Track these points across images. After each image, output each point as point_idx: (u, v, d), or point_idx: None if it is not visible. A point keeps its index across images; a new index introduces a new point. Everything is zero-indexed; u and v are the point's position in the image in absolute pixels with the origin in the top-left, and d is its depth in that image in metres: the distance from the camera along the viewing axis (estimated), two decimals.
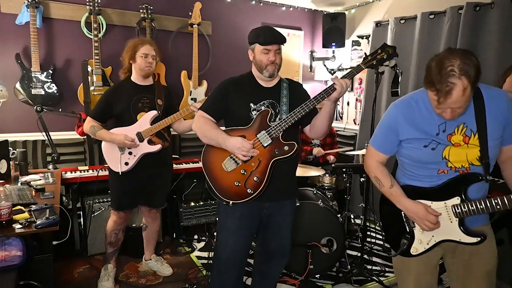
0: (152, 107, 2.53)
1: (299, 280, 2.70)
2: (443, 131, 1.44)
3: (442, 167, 1.48)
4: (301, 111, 1.76)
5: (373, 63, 1.74)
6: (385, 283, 2.74)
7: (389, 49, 1.72)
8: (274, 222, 1.98)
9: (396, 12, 3.81)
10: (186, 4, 3.71)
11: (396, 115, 1.53)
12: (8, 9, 3.10)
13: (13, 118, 3.18)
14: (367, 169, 1.69)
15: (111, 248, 2.66)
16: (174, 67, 3.72)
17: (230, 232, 1.94)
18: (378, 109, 3.80)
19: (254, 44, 1.85)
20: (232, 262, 1.98)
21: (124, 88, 2.54)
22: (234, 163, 1.83)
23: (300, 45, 4.59)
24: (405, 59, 3.56)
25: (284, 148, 1.80)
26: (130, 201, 2.61)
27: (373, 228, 3.67)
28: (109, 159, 2.51)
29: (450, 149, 1.45)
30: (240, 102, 1.89)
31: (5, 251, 1.61)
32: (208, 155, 1.91)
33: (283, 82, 1.96)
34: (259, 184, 1.81)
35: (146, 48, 2.48)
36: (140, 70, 2.50)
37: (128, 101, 2.49)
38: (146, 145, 2.49)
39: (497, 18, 2.86)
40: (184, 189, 3.58)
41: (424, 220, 1.47)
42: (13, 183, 2.46)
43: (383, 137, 1.61)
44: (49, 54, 3.28)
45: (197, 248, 3.28)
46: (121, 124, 2.50)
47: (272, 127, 1.80)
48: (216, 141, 1.83)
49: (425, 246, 1.55)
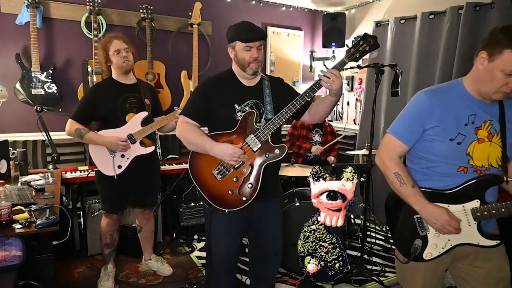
0: (140, 106, 2.45)
1: (299, 280, 2.71)
2: (472, 122, 1.41)
3: (464, 164, 1.42)
4: (288, 111, 1.71)
5: (356, 56, 1.65)
6: (385, 283, 2.74)
7: (370, 40, 1.65)
8: (264, 222, 1.95)
9: (396, 12, 3.81)
10: (186, 4, 3.71)
11: (424, 101, 1.45)
12: (8, 9, 3.10)
13: (13, 118, 3.18)
14: (384, 163, 1.53)
15: (107, 249, 2.65)
16: (174, 67, 3.72)
17: (220, 235, 1.89)
18: (378, 109, 3.81)
19: (235, 42, 1.78)
20: (224, 266, 1.94)
21: (108, 87, 2.44)
22: (225, 171, 1.76)
23: (300, 45, 4.59)
24: (405, 59, 3.56)
25: (275, 152, 1.75)
26: (122, 203, 2.57)
27: (373, 228, 3.67)
28: (100, 162, 2.41)
29: (475, 145, 1.41)
30: (224, 104, 1.80)
31: (5, 251, 1.61)
32: (196, 164, 1.82)
33: (264, 80, 1.90)
34: (254, 191, 1.76)
35: (115, 44, 2.37)
36: (120, 68, 2.40)
37: (115, 102, 2.39)
38: (138, 147, 2.43)
39: (497, 18, 2.85)
40: (184, 189, 3.58)
41: (447, 225, 1.40)
42: (13, 183, 2.46)
43: (407, 125, 1.49)
44: (49, 54, 3.29)
45: (197, 248, 3.28)
46: (108, 126, 2.40)
47: (260, 130, 1.73)
48: (203, 148, 1.75)
49: (440, 250, 1.49)
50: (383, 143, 1.57)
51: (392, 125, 1.55)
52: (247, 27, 1.78)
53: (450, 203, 1.45)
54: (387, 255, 3.23)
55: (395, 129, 1.53)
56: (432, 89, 1.49)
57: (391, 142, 1.53)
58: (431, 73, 3.36)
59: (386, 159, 1.52)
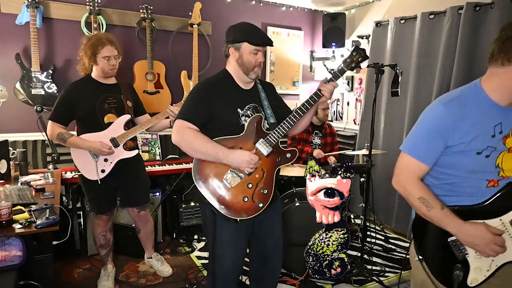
0: (120, 107, 2.40)
1: (299, 280, 2.71)
2: (500, 132, 1.26)
3: (494, 177, 1.28)
4: (297, 116, 1.73)
5: (352, 66, 1.75)
6: (385, 283, 2.74)
7: (361, 51, 1.74)
8: (267, 225, 1.92)
9: (396, 12, 3.81)
10: (186, 4, 3.71)
11: (445, 115, 1.27)
12: (8, 9, 3.10)
13: (13, 118, 3.18)
14: (406, 189, 1.34)
15: (103, 250, 2.64)
16: (174, 67, 3.71)
17: (227, 245, 1.79)
18: (378, 109, 3.81)
19: (242, 43, 1.70)
20: (231, 276, 1.86)
21: (86, 87, 2.36)
22: (237, 177, 1.68)
23: (300, 45, 4.58)
24: (405, 59, 3.56)
25: (286, 156, 1.75)
26: (109, 204, 2.55)
27: (373, 228, 3.67)
28: (82, 167, 2.36)
29: (504, 155, 1.28)
30: (227, 108, 1.72)
31: (5, 251, 1.61)
32: (203, 171, 1.70)
33: (257, 84, 1.86)
34: (268, 196, 1.72)
35: (107, 50, 2.29)
36: (104, 73, 2.35)
37: (93, 102, 2.32)
38: (121, 150, 2.38)
39: (497, 18, 2.85)
40: (184, 189, 3.58)
41: (491, 244, 1.23)
42: (13, 183, 2.46)
43: (427, 143, 1.30)
44: (49, 54, 3.28)
45: (197, 248, 3.28)
46: (87, 127, 2.35)
47: (270, 134, 1.71)
48: (215, 156, 1.64)
49: (485, 274, 1.31)
50: (400, 165, 1.37)
51: (408, 143, 1.35)
52: (258, 30, 1.75)
53: (483, 218, 1.28)
54: (387, 255, 3.23)
55: (412, 148, 1.33)
56: (451, 99, 1.29)
57: (410, 164, 1.33)
58: (431, 73, 3.36)
59: (407, 185, 1.34)
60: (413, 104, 3.47)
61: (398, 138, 3.68)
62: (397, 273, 2.92)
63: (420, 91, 3.44)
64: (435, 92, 3.28)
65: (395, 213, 3.72)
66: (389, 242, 3.51)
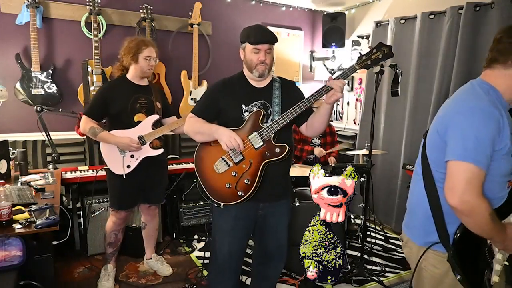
0: (150, 108, 2.52)
1: (299, 280, 2.71)
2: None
3: None
4: (293, 112, 1.74)
5: (367, 63, 1.69)
6: (385, 283, 2.74)
7: (384, 49, 1.67)
8: (270, 223, 1.96)
9: (396, 12, 3.81)
10: (186, 4, 3.71)
11: (498, 117, 1.16)
12: (8, 9, 3.10)
13: (13, 118, 3.18)
14: (475, 207, 1.15)
15: (110, 249, 2.66)
16: (174, 67, 3.72)
17: (225, 233, 1.92)
18: (378, 109, 3.81)
19: (245, 44, 1.82)
20: (228, 264, 1.96)
21: (121, 86, 2.50)
22: (225, 164, 1.81)
23: (300, 45, 4.59)
24: (405, 59, 3.56)
25: (275, 151, 1.78)
26: (131, 201, 2.61)
27: (373, 228, 3.67)
28: (110, 161, 2.48)
29: None
30: (231, 104, 1.86)
31: (5, 251, 1.61)
32: (200, 156, 1.90)
33: (275, 81, 1.93)
34: (250, 187, 1.79)
35: (149, 51, 2.46)
36: (142, 72, 2.49)
37: (126, 101, 2.45)
38: (148, 148, 2.49)
39: (497, 18, 2.85)
40: (184, 189, 3.57)
41: None
42: (13, 183, 2.46)
43: (486, 148, 1.15)
44: (49, 54, 3.28)
45: (197, 248, 3.28)
46: (117, 124, 2.46)
47: (263, 128, 1.77)
48: (209, 132, 1.82)
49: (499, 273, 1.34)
50: (459, 178, 1.16)
51: (464, 151, 1.16)
52: (257, 30, 1.81)
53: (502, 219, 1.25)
54: (387, 255, 3.23)
55: (472, 155, 1.14)
56: (489, 100, 1.20)
57: (474, 174, 1.14)
58: (431, 73, 3.36)
59: (474, 199, 1.13)
60: (413, 104, 3.47)
61: (398, 138, 3.68)
62: (397, 273, 2.92)
63: (420, 91, 3.44)
64: (435, 92, 3.28)
65: (395, 213, 3.73)
66: (389, 242, 3.51)
